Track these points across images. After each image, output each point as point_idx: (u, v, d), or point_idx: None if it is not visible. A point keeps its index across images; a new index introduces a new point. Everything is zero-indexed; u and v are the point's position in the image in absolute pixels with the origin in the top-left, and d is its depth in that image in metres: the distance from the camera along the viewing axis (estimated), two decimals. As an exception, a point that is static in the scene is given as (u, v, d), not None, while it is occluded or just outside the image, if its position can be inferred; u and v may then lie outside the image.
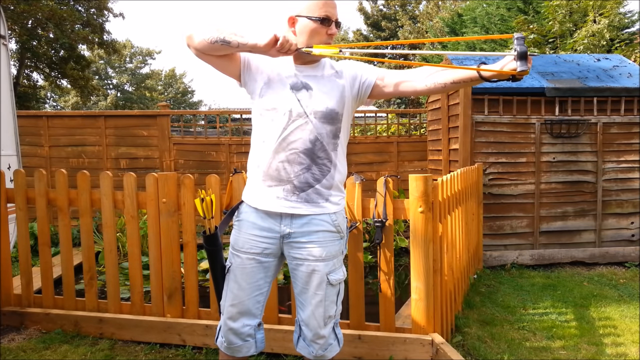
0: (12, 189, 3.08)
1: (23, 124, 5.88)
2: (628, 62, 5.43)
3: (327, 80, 1.79)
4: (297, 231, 1.77)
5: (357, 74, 1.83)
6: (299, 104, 1.74)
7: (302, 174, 1.74)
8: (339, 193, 1.84)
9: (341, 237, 1.85)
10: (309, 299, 1.81)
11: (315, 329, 1.82)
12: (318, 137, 1.74)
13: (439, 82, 1.71)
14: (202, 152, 6.64)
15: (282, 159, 1.73)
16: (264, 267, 1.81)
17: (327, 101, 1.75)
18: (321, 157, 1.75)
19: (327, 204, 1.79)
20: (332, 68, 1.84)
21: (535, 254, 4.74)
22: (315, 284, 1.79)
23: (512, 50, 1.51)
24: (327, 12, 1.73)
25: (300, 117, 1.73)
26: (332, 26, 1.75)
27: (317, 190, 1.76)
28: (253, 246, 1.79)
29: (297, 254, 1.79)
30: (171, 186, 2.80)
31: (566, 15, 9.01)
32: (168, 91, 34.60)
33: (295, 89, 1.75)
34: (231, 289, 1.82)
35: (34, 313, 3.00)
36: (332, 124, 1.77)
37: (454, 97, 4.96)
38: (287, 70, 1.79)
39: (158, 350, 2.74)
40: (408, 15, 24.59)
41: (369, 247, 5.19)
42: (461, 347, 2.81)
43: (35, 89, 19.79)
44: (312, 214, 1.76)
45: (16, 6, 13.36)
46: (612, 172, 4.83)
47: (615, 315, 3.39)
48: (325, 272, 1.79)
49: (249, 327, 1.83)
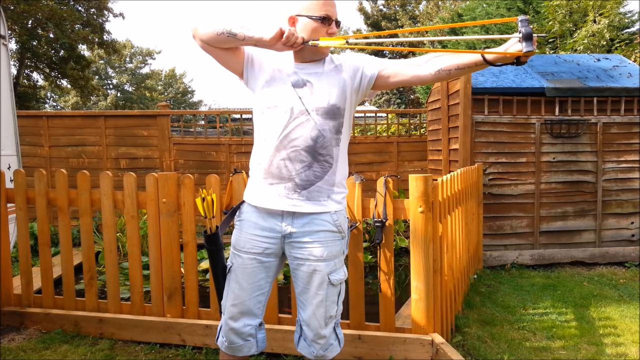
0: (12, 189, 3.08)
1: (23, 124, 5.88)
2: (628, 62, 5.44)
3: (327, 75, 1.78)
4: (298, 231, 1.77)
5: (359, 65, 1.81)
6: (300, 101, 1.73)
7: (304, 172, 1.73)
8: (342, 190, 1.84)
9: (342, 237, 1.84)
10: (310, 299, 1.81)
11: (317, 329, 1.82)
12: (320, 133, 1.73)
13: (443, 69, 1.69)
14: (202, 152, 6.64)
15: (284, 157, 1.73)
16: (265, 267, 1.81)
17: (328, 97, 1.74)
18: (323, 154, 1.75)
19: (329, 202, 1.78)
20: (332, 62, 1.82)
21: (535, 254, 4.74)
22: (316, 284, 1.79)
23: (517, 33, 1.49)
24: (328, 11, 1.73)
25: (302, 114, 1.72)
26: (332, 25, 1.75)
27: (318, 187, 1.76)
28: (254, 246, 1.79)
29: (298, 253, 1.79)
30: (171, 186, 2.80)
31: (566, 15, 9.01)
32: (168, 91, 34.61)
33: (296, 86, 1.75)
34: (232, 289, 1.82)
35: (34, 313, 3.00)
36: (335, 119, 1.76)
37: (454, 97, 4.96)
38: (287, 68, 1.79)
39: (158, 350, 2.74)
40: (408, 15, 24.60)
41: (369, 247, 5.19)
42: (461, 347, 2.81)
43: (35, 89, 19.80)
44: (314, 212, 1.76)
45: (16, 6, 13.36)
46: (612, 172, 4.83)
47: (615, 315, 3.39)
48: (327, 272, 1.79)
49: (250, 327, 1.83)
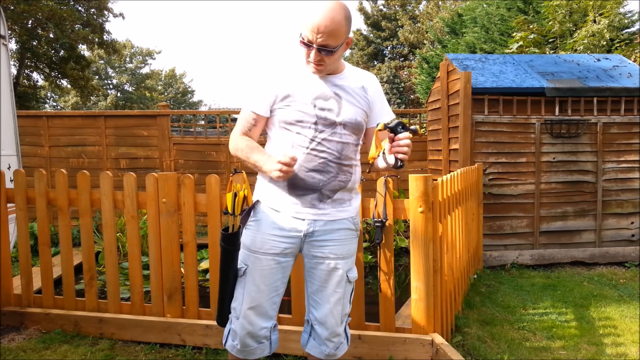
0: (12, 189, 3.08)
1: (23, 124, 5.88)
2: (628, 62, 5.44)
3: (354, 92, 1.80)
4: (320, 229, 1.78)
5: (377, 100, 1.86)
6: (327, 114, 1.74)
7: (330, 182, 1.76)
8: (358, 194, 1.91)
9: (357, 235, 1.91)
10: (327, 297, 1.82)
11: (333, 327, 1.83)
12: (345, 146, 1.77)
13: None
14: (202, 152, 6.64)
15: (311, 168, 1.74)
16: (282, 268, 1.81)
17: (354, 113, 1.78)
18: (346, 165, 1.79)
19: (350, 208, 1.84)
20: (358, 80, 1.84)
21: (535, 254, 4.74)
22: (335, 282, 1.81)
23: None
24: (308, 35, 1.63)
25: (329, 127, 1.74)
26: (311, 51, 1.65)
27: (342, 194, 1.80)
28: (273, 246, 1.77)
29: (318, 252, 1.80)
30: (171, 186, 2.80)
31: (566, 15, 9.01)
32: (168, 91, 34.62)
33: (323, 99, 1.75)
34: (248, 292, 1.79)
35: (34, 313, 3.00)
36: (357, 134, 1.81)
37: (454, 97, 4.96)
38: (313, 81, 1.76)
39: (158, 350, 2.74)
40: (408, 15, 24.59)
41: (369, 247, 5.19)
42: (461, 347, 2.81)
43: (35, 89, 19.81)
44: (338, 219, 1.81)
45: (16, 6, 13.37)
46: (612, 172, 4.83)
47: (615, 315, 3.39)
48: (345, 269, 1.83)
49: (265, 330, 1.82)
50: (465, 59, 5.46)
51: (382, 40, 25.88)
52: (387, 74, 23.09)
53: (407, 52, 24.43)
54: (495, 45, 11.46)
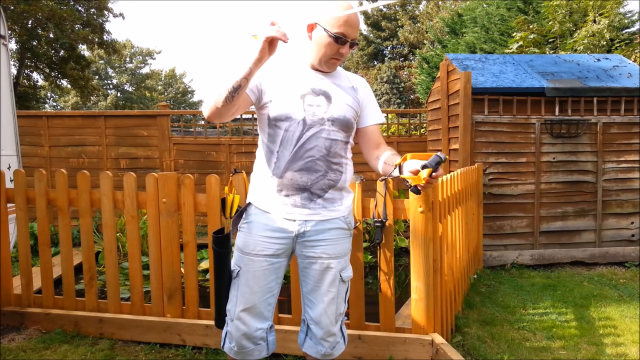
0: (12, 189, 3.08)
1: (23, 124, 5.88)
2: (628, 62, 5.44)
3: (344, 90, 1.81)
4: (311, 229, 1.78)
5: (368, 101, 1.88)
6: (314, 110, 1.74)
7: (319, 181, 1.75)
8: (350, 193, 1.90)
9: (351, 235, 1.90)
10: (320, 296, 1.82)
11: (327, 326, 1.83)
12: (333, 143, 1.76)
13: (376, 168, 1.82)
14: (202, 152, 6.64)
15: (299, 168, 1.73)
16: (275, 269, 1.81)
17: (343, 110, 1.78)
18: (335, 163, 1.78)
19: (341, 207, 1.83)
20: (348, 80, 1.86)
21: (535, 254, 4.74)
22: (328, 281, 1.81)
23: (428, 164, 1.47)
24: (345, 31, 1.69)
25: (316, 124, 1.73)
26: (345, 46, 1.72)
27: (332, 194, 1.79)
28: (265, 248, 1.78)
29: (310, 252, 1.80)
30: (171, 186, 2.80)
31: (566, 15, 9.01)
32: (168, 91, 34.64)
33: (311, 95, 1.75)
34: (242, 293, 1.79)
35: (34, 313, 3.00)
36: (347, 132, 1.81)
37: (454, 97, 4.96)
38: (303, 77, 1.77)
39: (158, 350, 2.74)
40: (408, 15, 24.60)
41: (369, 247, 5.19)
42: (461, 347, 2.81)
43: (35, 89, 19.81)
44: (329, 219, 1.80)
45: (16, 6, 13.37)
46: (612, 172, 4.83)
47: (615, 315, 3.39)
48: (339, 269, 1.83)
49: (261, 331, 1.81)
50: (465, 59, 5.46)
51: (382, 40, 25.89)
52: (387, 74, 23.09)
53: (407, 52, 24.45)
54: (495, 45, 11.47)
